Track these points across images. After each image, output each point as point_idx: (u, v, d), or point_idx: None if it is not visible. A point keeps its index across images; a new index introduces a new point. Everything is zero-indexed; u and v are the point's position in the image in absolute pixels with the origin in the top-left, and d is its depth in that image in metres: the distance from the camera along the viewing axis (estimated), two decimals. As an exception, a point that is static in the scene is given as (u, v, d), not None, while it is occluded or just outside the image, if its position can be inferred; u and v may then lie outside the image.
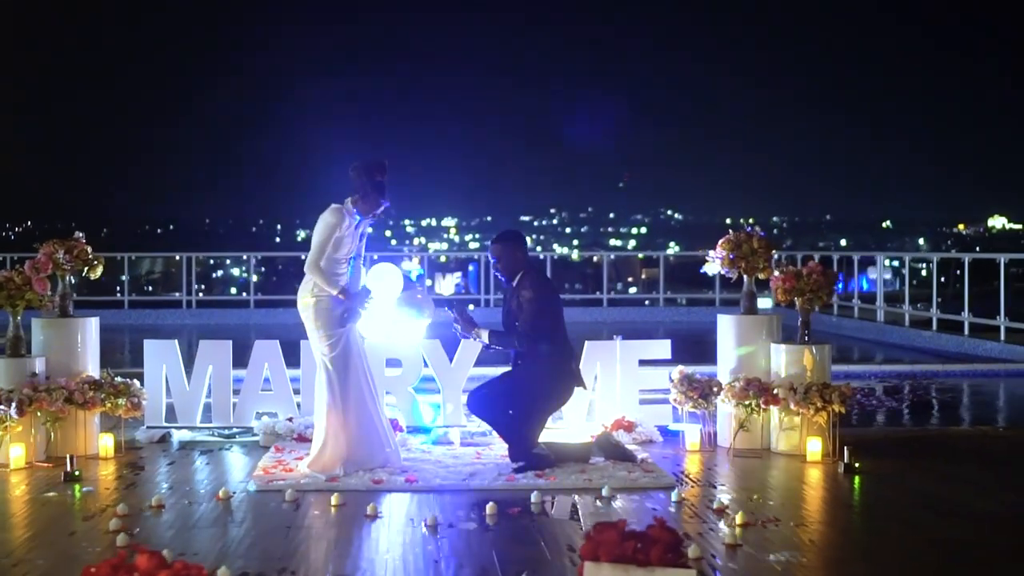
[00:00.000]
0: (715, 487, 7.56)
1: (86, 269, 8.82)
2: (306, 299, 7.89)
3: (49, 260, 8.52)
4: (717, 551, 5.95)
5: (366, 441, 7.92)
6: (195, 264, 25.24)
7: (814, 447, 8.33)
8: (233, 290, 26.62)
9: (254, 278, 25.65)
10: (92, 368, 8.75)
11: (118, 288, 24.28)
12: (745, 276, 9.02)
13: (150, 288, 28.10)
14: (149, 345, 9.36)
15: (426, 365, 9.36)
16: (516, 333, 8.01)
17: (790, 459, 8.43)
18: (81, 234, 8.80)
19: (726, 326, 9.05)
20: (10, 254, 22.53)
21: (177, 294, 24.74)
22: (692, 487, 7.57)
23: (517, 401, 7.97)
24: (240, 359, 9.44)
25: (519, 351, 8.05)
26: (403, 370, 9.30)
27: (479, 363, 9.32)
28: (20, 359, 8.43)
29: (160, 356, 9.33)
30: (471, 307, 14.98)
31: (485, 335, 8.13)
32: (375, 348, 8.80)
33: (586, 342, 9.44)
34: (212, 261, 30.76)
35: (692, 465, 8.31)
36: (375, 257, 8.33)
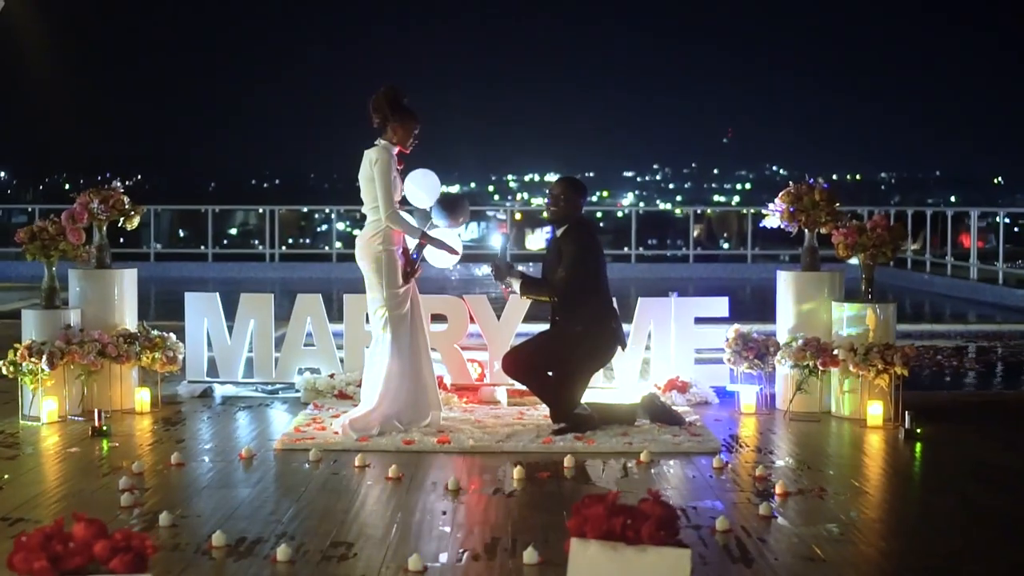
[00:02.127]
0: (765, 452, 7.15)
1: (122, 220, 8.62)
2: (374, 251, 7.45)
3: (84, 210, 8.33)
4: (749, 523, 5.56)
5: (417, 402, 7.58)
6: (278, 217, 25.27)
7: (875, 411, 7.87)
8: (339, 244, 26.58)
9: (353, 231, 25.90)
10: (129, 321, 8.55)
11: (226, 239, 24.57)
12: (806, 230, 8.51)
13: (256, 242, 28.20)
14: (190, 298, 9.16)
15: (473, 322, 9.05)
16: (550, 283, 7.63)
17: (849, 423, 7.98)
18: (118, 183, 8.61)
19: (786, 283, 8.57)
20: None
21: (261, 247, 24.88)
22: (742, 452, 7.17)
23: (556, 361, 7.58)
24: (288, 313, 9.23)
25: (556, 308, 7.66)
26: (448, 326, 8.98)
27: (527, 320, 8.96)
28: (54, 311, 8.23)
29: (201, 310, 9.12)
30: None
31: (517, 285, 7.76)
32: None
33: (639, 299, 9.05)
34: (317, 215, 30.82)
35: (745, 429, 7.90)
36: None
